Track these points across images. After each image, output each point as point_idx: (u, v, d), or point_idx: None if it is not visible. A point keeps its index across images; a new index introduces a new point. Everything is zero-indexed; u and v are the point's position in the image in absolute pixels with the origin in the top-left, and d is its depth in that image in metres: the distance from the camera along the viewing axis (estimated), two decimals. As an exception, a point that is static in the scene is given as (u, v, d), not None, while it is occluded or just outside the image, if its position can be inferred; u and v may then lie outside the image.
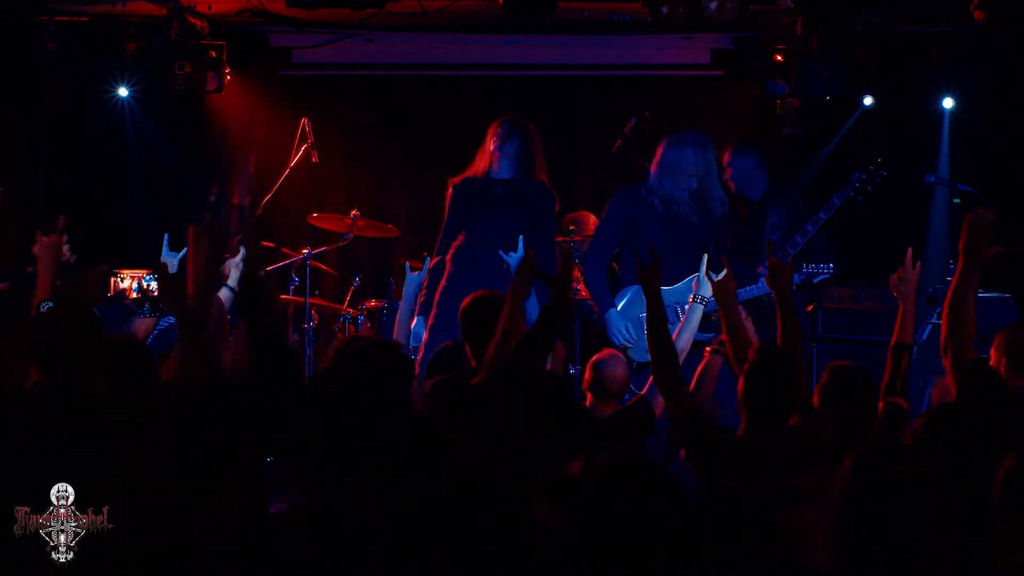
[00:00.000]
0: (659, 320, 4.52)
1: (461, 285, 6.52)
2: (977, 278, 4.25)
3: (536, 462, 3.38)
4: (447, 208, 6.94)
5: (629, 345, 6.63)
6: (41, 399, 4.08)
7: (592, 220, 8.31)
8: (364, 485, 3.10)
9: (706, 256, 5.67)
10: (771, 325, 6.59)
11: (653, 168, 6.85)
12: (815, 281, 6.97)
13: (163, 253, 6.18)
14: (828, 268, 6.91)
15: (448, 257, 6.87)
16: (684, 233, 6.73)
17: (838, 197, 7.13)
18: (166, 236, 6.06)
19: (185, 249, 7.12)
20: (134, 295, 5.11)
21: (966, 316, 4.21)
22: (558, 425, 3.75)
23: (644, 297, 4.62)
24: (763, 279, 6.71)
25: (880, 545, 2.61)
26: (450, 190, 6.93)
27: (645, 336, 4.90)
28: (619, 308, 6.78)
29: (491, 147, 6.85)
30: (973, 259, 4.23)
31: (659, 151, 6.87)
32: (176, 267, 6.50)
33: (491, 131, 6.91)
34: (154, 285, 4.75)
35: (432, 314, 6.77)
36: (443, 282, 6.80)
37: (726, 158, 7.53)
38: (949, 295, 4.27)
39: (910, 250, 5.03)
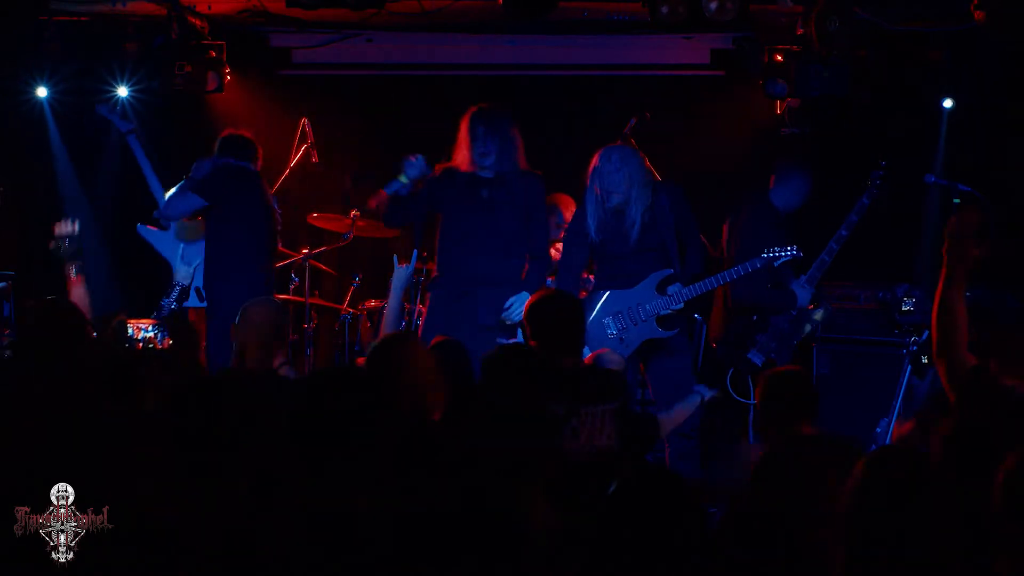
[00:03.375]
0: None
1: (450, 289, 6.66)
2: (963, 280, 4.20)
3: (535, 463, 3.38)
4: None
5: (612, 335, 6.69)
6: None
7: (569, 203, 8.35)
8: (362, 486, 3.10)
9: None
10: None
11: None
12: (776, 264, 6.90)
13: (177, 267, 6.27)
14: (790, 250, 6.86)
15: (436, 260, 6.89)
16: (620, 244, 6.76)
17: (867, 197, 7.19)
18: (198, 271, 6.16)
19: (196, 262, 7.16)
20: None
21: (956, 321, 4.17)
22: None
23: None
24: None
25: (886, 550, 2.61)
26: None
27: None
28: (596, 310, 6.80)
29: (470, 142, 6.70)
30: (956, 261, 4.18)
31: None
32: (190, 276, 6.56)
33: (467, 123, 6.75)
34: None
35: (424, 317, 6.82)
36: (433, 285, 6.86)
37: (778, 179, 7.50)
38: (936, 301, 4.22)
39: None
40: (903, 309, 7.29)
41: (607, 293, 6.73)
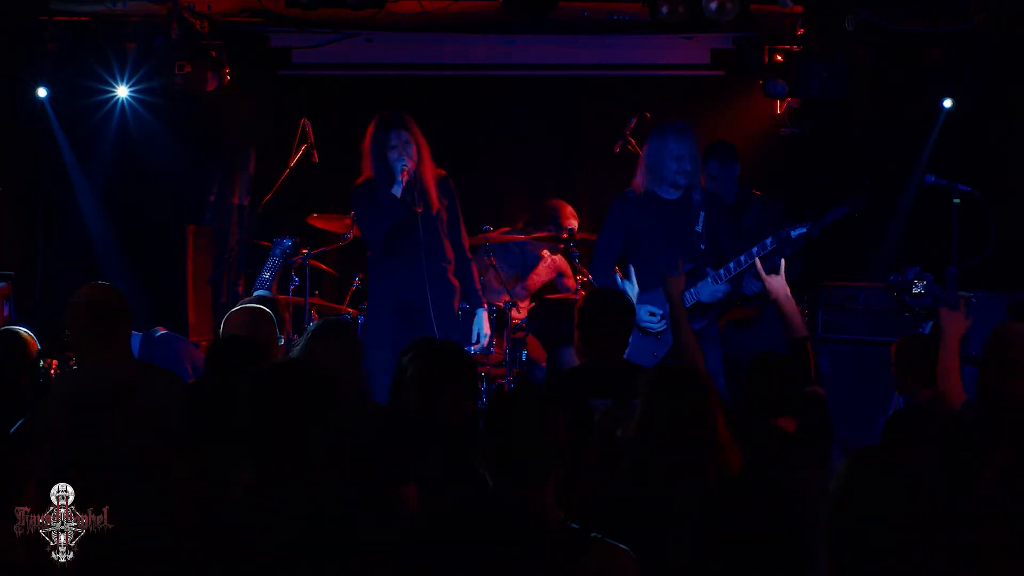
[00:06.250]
0: (682, 322, 5.11)
1: (385, 297, 6.88)
2: None
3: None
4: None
5: (658, 328, 6.57)
6: None
7: (568, 209, 8.34)
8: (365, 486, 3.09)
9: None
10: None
11: (639, 167, 6.78)
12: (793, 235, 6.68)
13: None
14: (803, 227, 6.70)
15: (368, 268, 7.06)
16: (673, 228, 6.64)
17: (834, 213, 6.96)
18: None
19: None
20: None
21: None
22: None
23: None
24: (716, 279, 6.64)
25: (872, 546, 2.61)
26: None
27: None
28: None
29: (386, 153, 6.75)
30: None
31: (643, 149, 6.83)
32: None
33: (374, 132, 6.82)
34: None
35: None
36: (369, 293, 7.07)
37: (712, 162, 7.45)
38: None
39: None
40: (914, 292, 7.18)
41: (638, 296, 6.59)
